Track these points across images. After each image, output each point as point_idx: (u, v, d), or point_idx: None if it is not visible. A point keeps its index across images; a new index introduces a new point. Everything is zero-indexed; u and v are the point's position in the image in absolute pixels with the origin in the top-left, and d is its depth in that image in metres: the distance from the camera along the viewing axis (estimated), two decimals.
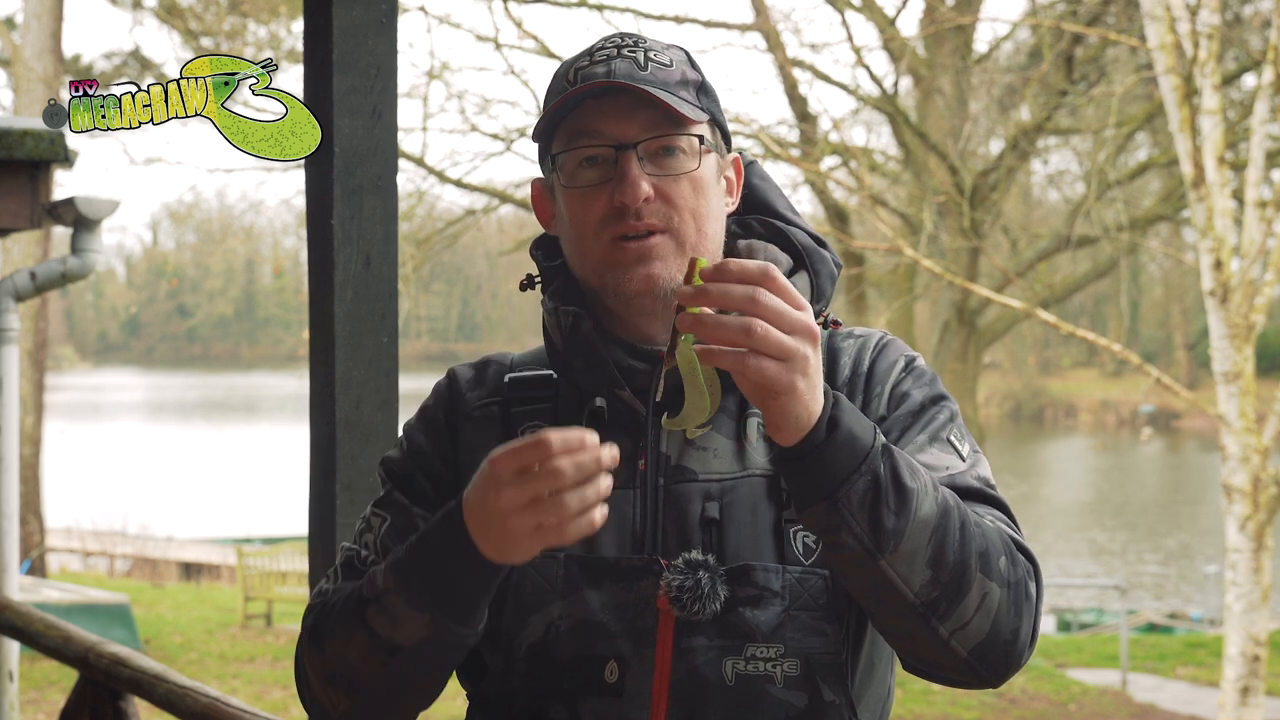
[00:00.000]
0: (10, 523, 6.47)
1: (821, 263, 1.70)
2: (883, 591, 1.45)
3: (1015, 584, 1.50)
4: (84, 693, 3.86)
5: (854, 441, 1.40)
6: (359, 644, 1.54)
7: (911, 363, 1.67)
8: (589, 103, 1.60)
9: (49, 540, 19.61)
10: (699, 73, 1.66)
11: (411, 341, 66.38)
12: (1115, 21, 15.01)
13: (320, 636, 1.58)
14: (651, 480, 1.60)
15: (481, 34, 14.65)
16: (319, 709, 1.62)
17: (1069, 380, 56.05)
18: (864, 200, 14.87)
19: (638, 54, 1.62)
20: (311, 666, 1.60)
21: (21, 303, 6.53)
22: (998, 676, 1.52)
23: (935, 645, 1.48)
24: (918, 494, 1.43)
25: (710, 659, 1.54)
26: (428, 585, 1.48)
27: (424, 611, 1.49)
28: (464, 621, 1.50)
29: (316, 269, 2.72)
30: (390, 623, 1.51)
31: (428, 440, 1.69)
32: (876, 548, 1.42)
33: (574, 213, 1.62)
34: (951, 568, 1.44)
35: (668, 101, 1.58)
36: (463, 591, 1.48)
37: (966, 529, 1.46)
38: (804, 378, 1.37)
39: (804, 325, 1.37)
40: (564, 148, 1.62)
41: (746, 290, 1.35)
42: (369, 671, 1.54)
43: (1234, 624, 9.77)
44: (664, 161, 1.60)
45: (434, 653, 1.52)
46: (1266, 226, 9.91)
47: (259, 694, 12.31)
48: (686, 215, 1.59)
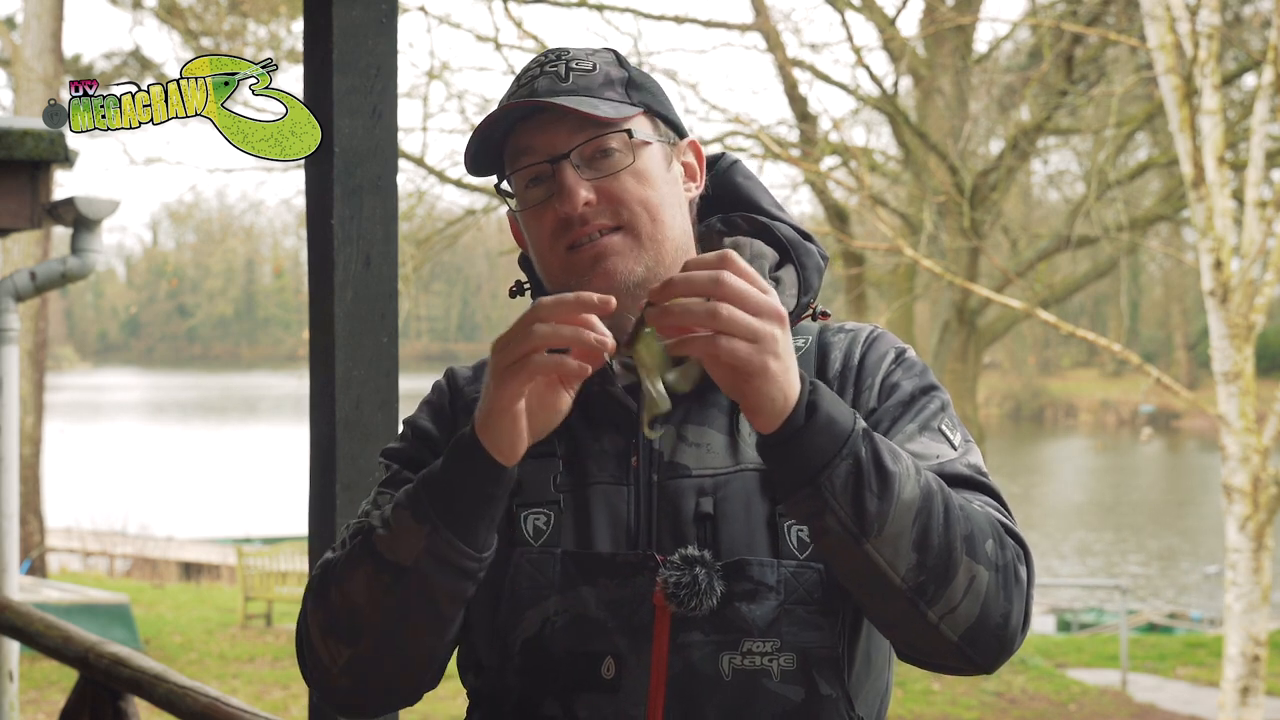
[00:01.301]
0: (10, 523, 6.47)
1: (807, 256, 1.72)
2: (869, 576, 1.45)
3: (1004, 567, 1.49)
4: (84, 693, 3.86)
5: (834, 425, 1.41)
6: (363, 575, 1.53)
7: (902, 354, 1.68)
8: (520, 125, 1.64)
9: (49, 540, 19.61)
10: (626, 70, 1.68)
11: (411, 341, 66.39)
12: (1115, 21, 15.01)
13: (325, 585, 1.57)
14: (645, 476, 1.61)
15: (481, 34, 14.65)
16: (320, 668, 1.59)
17: (1069, 380, 56.06)
18: (864, 200, 14.87)
19: (559, 67, 1.66)
20: (314, 622, 1.58)
21: (21, 303, 6.54)
22: (990, 661, 1.52)
23: (925, 630, 1.48)
24: (900, 477, 1.43)
25: (707, 654, 1.55)
26: (431, 495, 1.49)
27: (425, 523, 1.49)
28: (465, 537, 1.49)
29: (316, 269, 2.72)
30: (391, 540, 1.51)
31: (434, 426, 1.71)
32: (861, 531, 1.42)
33: (531, 232, 1.66)
34: (937, 551, 1.45)
35: (579, 109, 1.60)
36: (466, 500, 1.48)
37: (951, 512, 1.46)
38: (775, 358, 1.38)
39: (769, 306, 1.39)
40: (509, 172, 1.67)
41: (709, 275, 1.38)
42: (371, 603, 1.53)
43: (1234, 624, 9.77)
44: (601, 163, 1.62)
45: (433, 571, 1.50)
46: (1266, 226, 9.91)
47: (259, 694, 12.31)
48: (636, 208, 1.62)
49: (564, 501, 1.61)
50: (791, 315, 1.68)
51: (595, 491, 1.61)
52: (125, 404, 62.19)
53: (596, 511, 1.60)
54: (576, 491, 1.61)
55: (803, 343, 1.68)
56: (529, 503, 1.62)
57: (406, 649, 1.57)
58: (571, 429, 1.63)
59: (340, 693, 1.61)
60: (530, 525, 1.61)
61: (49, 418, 20.86)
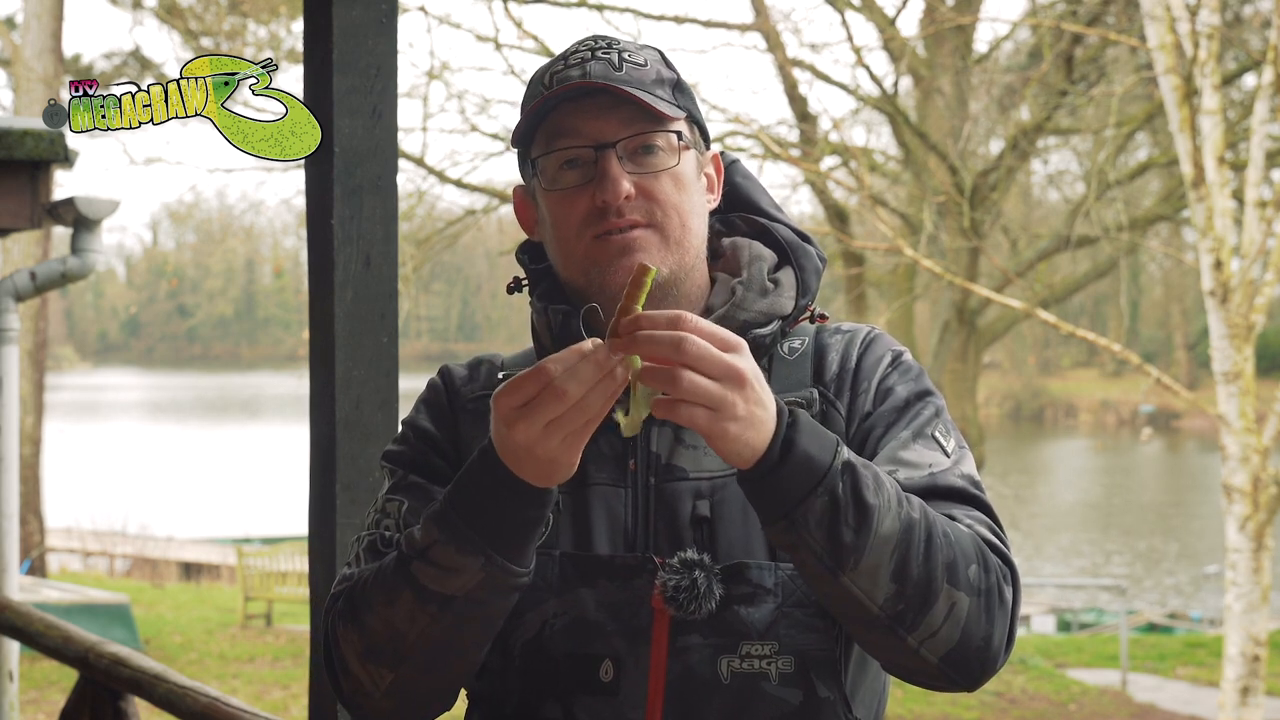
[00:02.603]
0: (10, 523, 6.47)
1: (806, 258, 1.71)
2: (847, 605, 1.46)
3: (986, 591, 1.49)
4: (84, 693, 3.86)
5: (810, 463, 1.40)
6: (405, 604, 1.49)
7: (898, 358, 1.67)
8: (566, 105, 1.61)
9: (49, 540, 19.61)
10: (674, 71, 1.66)
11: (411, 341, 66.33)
12: (1115, 21, 15.00)
13: (356, 611, 1.54)
14: (642, 479, 1.60)
15: (481, 34, 14.64)
16: (360, 692, 1.56)
17: (1069, 380, 56.04)
18: (864, 200, 14.86)
19: (612, 55, 1.62)
20: (348, 646, 1.55)
21: (21, 303, 6.54)
22: (972, 681, 1.52)
23: (905, 653, 1.49)
24: (879, 510, 1.42)
25: (705, 657, 1.55)
26: (476, 528, 1.45)
27: (477, 555, 1.45)
28: (518, 559, 1.47)
29: (316, 269, 2.72)
30: (439, 575, 1.47)
31: (434, 425, 1.69)
32: (837, 565, 1.42)
33: (556, 215, 1.62)
34: (916, 581, 1.44)
35: (644, 99, 1.58)
36: (513, 525, 1.46)
37: (933, 541, 1.46)
38: (734, 422, 1.37)
39: (730, 370, 1.36)
40: (543, 151, 1.62)
41: (672, 337, 1.34)
42: (416, 632, 1.50)
43: (1234, 624, 9.77)
44: (644, 159, 1.60)
45: (488, 598, 1.48)
46: (1266, 226, 9.91)
47: (259, 694, 12.31)
48: (670, 210, 1.60)
49: (563, 503, 1.61)
50: (790, 317, 1.68)
51: (594, 493, 1.61)
52: (125, 404, 62.17)
53: (595, 513, 1.60)
54: (576, 493, 1.61)
55: (800, 344, 1.67)
56: None
57: (454, 666, 1.55)
58: None
59: (383, 713, 1.58)
60: None
61: (49, 418, 20.85)
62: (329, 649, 1.59)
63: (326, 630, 1.59)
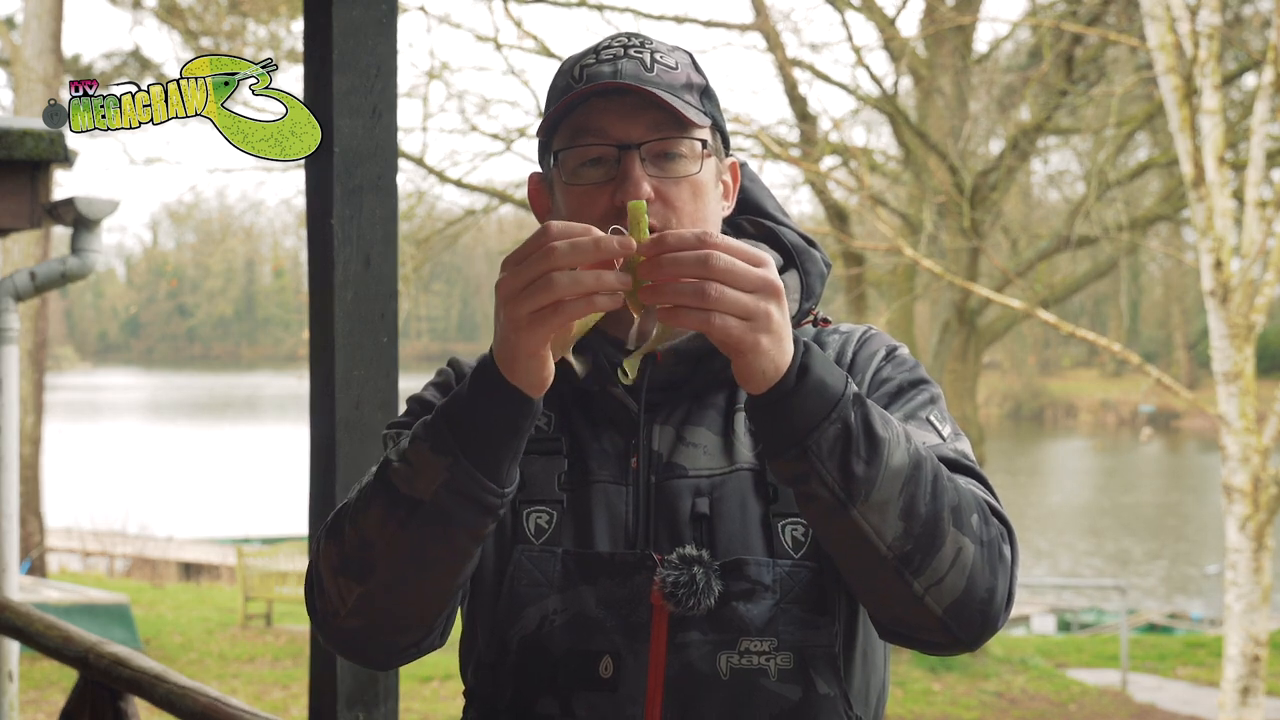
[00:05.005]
0: (10, 523, 6.47)
1: (811, 262, 1.72)
2: (855, 544, 1.45)
3: (989, 542, 1.49)
4: (84, 693, 3.86)
5: (824, 389, 1.40)
6: (376, 510, 1.49)
7: (893, 351, 1.69)
8: (595, 100, 1.60)
9: (49, 540, 19.61)
10: (703, 76, 1.66)
11: (411, 341, 66.34)
12: (1115, 21, 15.01)
13: (339, 524, 1.54)
14: (644, 477, 1.61)
15: (481, 34, 14.65)
16: (329, 611, 1.56)
17: (1069, 380, 56.03)
18: (864, 200, 14.87)
19: (644, 55, 1.62)
20: (325, 562, 1.54)
21: (21, 303, 6.54)
22: (973, 637, 1.51)
23: (909, 603, 1.48)
24: (889, 443, 1.42)
25: (704, 654, 1.55)
26: (452, 425, 1.45)
27: (446, 455, 1.45)
28: (487, 470, 1.45)
29: (316, 269, 2.72)
30: (409, 474, 1.47)
31: (442, 398, 1.68)
32: (848, 496, 1.42)
33: (573, 210, 1.61)
34: (924, 520, 1.44)
35: (673, 104, 1.58)
36: (486, 428, 1.45)
37: (939, 482, 1.46)
38: (768, 334, 1.37)
39: (764, 281, 1.37)
40: (567, 145, 1.62)
41: (696, 255, 1.35)
42: (384, 541, 1.49)
43: (1234, 624, 9.77)
44: (666, 164, 1.60)
45: (453, 507, 1.46)
46: (1266, 226, 9.91)
47: (259, 694, 12.31)
48: (685, 218, 1.60)
49: (566, 500, 1.61)
50: (793, 320, 1.68)
51: (596, 490, 1.61)
52: (125, 404, 62.17)
53: (597, 511, 1.61)
54: (578, 490, 1.62)
55: None
56: (533, 500, 1.61)
57: (418, 588, 1.53)
58: (574, 427, 1.64)
59: (347, 633, 1.57)
60: (533, 523, 1.61)
61: (49, 418, 20.86)
62: (310, 569, 1.59)
63: (312, 551, 1.58)
